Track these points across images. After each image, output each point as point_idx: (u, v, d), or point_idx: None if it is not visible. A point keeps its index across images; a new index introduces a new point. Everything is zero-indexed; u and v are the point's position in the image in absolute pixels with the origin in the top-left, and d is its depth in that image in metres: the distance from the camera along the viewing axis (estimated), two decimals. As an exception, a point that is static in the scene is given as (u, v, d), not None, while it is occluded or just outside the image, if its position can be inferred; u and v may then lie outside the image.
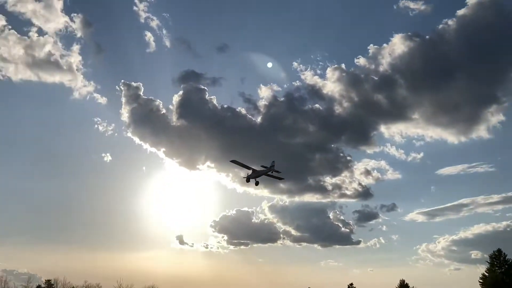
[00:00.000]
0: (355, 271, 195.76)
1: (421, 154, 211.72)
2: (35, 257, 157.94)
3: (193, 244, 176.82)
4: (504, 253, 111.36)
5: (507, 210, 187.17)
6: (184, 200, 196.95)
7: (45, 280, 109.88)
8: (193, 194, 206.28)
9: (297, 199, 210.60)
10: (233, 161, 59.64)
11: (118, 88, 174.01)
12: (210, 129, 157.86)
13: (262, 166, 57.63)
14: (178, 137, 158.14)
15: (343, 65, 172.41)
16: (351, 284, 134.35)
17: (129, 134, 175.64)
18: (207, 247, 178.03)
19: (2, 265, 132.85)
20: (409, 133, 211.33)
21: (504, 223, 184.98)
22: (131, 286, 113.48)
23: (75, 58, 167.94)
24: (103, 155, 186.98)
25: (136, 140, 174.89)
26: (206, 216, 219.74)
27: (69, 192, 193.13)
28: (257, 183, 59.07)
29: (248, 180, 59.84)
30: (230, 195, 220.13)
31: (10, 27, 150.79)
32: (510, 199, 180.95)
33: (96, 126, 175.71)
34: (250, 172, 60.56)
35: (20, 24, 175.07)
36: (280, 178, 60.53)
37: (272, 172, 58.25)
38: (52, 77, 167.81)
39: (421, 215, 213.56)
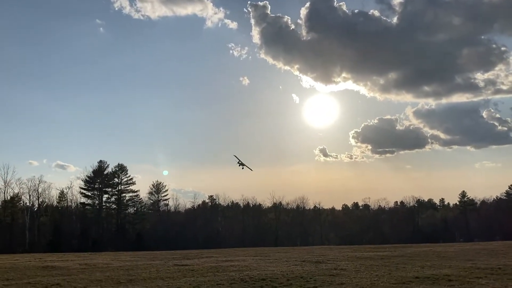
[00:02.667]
0: None
1: None
2: (198, 178, 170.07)
3: (337, 155, 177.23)
4: None
5: None
6: (323, 114, 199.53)
7: (208, 196, 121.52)
8: (331, 107, 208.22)
9: (444, 101, 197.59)
10: (235, 156, 72.75)
11: (246, 10, 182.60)
12: (343, 38, 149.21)
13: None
14: (310, 51, 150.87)
15: None
16: None
17: (262, 56, 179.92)
18: (351, 158, 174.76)
19: (172, 185, 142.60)
20: None
21: None
22: (282, 198, 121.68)
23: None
24: (240, 79, 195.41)
25: (270, 60, 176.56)
26: (347, 127, 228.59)
27: (216, 118, 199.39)
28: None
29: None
30: (370, 104, 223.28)
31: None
32: None
33: (231, 51, 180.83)
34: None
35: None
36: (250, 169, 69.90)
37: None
38: (185, 10, 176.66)
39: None
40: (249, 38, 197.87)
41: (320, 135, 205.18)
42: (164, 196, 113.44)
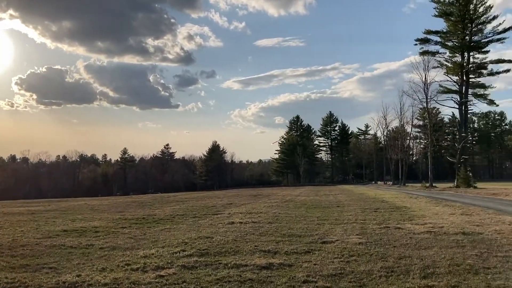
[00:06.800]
0: (172, 133, 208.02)
1: (243, 24, 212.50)
2: None
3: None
4: (301, 119, 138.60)
5: (309, 82, 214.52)
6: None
7: None
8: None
9: (116, 59, 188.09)
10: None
11: None
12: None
13: None
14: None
15: None
16: (167, 144, 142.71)
17: None
18: (12, 106, 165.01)
19: None
20: (234, 1, 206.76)
21: (305, 93, 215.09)
22: None
23: None
24: None
25: None
26: (10, 72, 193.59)
27: None
28: None
29: None
30: (39, 50, 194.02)
31: None
32: (313, 72, 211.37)
33: None
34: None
35: None
36: None
37: None
38: None
39: (237, 83, 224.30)
40: None
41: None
42: None
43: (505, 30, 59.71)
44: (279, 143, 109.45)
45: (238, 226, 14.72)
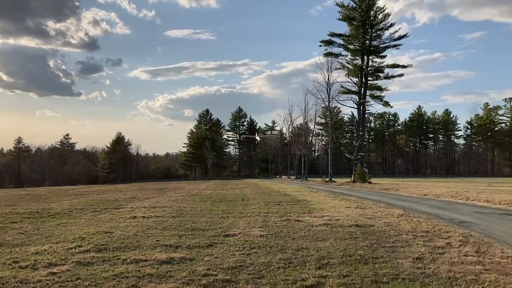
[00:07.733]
0: (73, 122, 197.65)
1: (153, 12, 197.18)
2: None
3: None
4: (211, 113, 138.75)
5: (219, 76, 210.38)
6: None
7: None
8: None
9: (12, 41, 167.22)
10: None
11: None
12: None
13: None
14: None
15: None
16: (67, 134, 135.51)
17: None
18: None
19: None
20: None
21: (215, 87, 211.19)
22: None
23: None
24: None
25: None
26: None
27: None
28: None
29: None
30: None
31: None
32: (223, 67, 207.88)
33: None
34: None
35: None
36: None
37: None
38: None
39: (145, 73, 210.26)
40: None
41: None
42: None
43: (400, 37, 64.53)
44: (258, 138, 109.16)
45: (140, 221, 14.36)
